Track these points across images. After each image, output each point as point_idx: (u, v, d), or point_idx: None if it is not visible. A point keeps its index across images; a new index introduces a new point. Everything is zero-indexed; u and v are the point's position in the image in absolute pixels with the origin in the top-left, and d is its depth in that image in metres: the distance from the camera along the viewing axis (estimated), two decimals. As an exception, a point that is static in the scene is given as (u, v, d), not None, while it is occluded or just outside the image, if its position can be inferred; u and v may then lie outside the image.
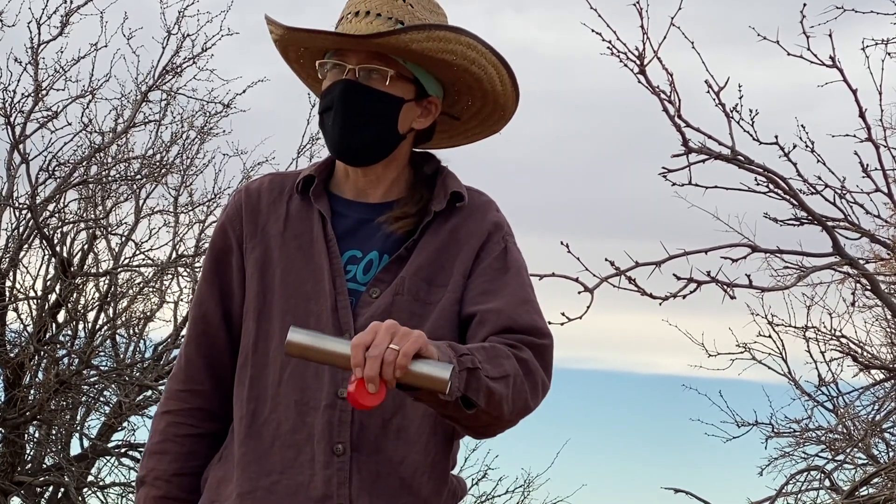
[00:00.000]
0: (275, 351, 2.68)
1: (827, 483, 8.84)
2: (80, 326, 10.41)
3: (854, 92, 6.58)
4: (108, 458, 10.57)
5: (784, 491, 8.40)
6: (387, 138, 2.73)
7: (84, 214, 10.29)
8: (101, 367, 10.40)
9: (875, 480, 8.25)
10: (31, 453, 10.52)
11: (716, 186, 6.66)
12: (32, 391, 9.97)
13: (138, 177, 10.39)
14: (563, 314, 6.20)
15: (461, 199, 2.75)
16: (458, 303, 2.68)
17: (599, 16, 6.41)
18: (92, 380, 10.36)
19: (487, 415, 2.51)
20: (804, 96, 14.36)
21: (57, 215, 10.07)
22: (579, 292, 6.34)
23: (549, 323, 2.75)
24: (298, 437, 2.64)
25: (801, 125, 6.74)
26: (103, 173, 10.19)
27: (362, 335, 2.35)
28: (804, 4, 6.47)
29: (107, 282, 10.41)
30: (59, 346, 10.15)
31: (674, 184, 6.55)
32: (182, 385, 2.80)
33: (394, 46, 2.65)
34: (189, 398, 2.80)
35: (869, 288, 7.24)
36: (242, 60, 15.41)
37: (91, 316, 10.44)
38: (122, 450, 10.50)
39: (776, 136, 6.60)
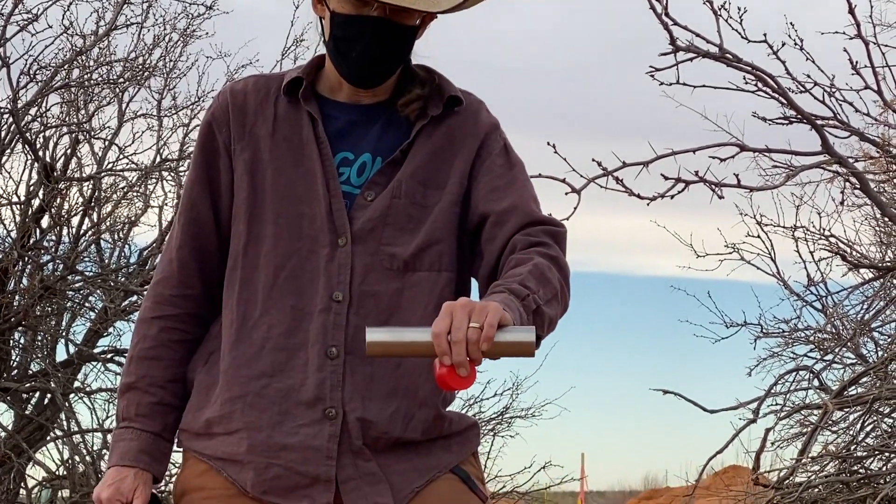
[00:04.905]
0: (266, 254, 2.67)
1: (816, 383, 8.89)
2: (65, 232, 10.23)
3: (844, -13, 6.46)
4: (94, 363, 10.44)
5: (773, 391, 8.38)
6: (401, 63, 2.73)
7: (66, 119, 10.13)
8: (86, 273, 10.36)
9: (864, 380, 8.17)
10: (17, 359, 10.38)
11: (703, 86, 6.62)
12: (17, 297, 9.92)
13: (121, 80, 10.26)
14: (549, 216, 6.19)
15: (459, 103, 2.75)
16: (457, 204, 2.68)
17: None
18: (77, 285, 10.33)
19: (542, 338, 2.52)
20: (793, -6, 14.34)
21: (39, 120, 9.88)
22: (566, 193, 6.32)
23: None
24: (292, 341, 2.63)
25: (790, 23, 6.68)
26: (85, 77, 10.05)
27: (439, 321, 2.29)
28: None
29: (90, 186, 10.31)
30: (43, 251, 10.07)
31: (661, 83, 6.51)
32: (175, 290, 2.78)
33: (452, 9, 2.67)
34: (182, 303, 2.78)
35: (858, 187, 7.16)
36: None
37: (75, 221, 10.26)
38: (109, 355, 10.39)
39: (765, 35, 6.54)
